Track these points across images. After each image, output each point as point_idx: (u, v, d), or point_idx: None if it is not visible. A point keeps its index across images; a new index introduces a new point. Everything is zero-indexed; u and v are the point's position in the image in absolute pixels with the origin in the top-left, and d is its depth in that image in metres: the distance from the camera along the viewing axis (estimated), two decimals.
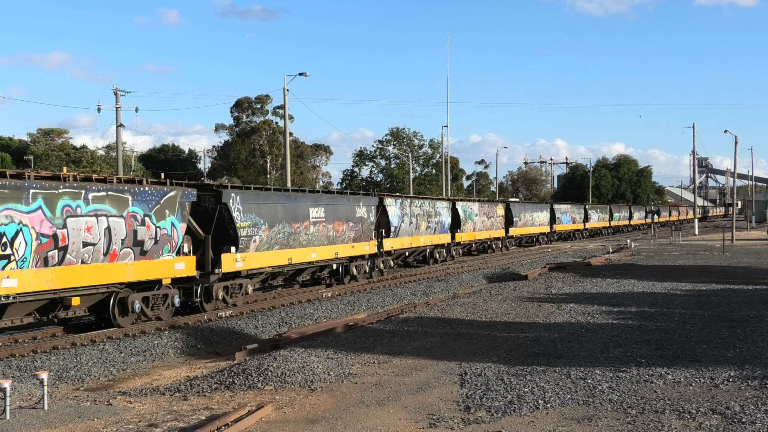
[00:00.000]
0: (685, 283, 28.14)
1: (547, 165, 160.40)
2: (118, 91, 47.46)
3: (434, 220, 40.02)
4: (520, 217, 57.32)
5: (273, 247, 24.21)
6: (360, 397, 11.91)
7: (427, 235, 39.04)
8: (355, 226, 29.86)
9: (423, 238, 38.42)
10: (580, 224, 75.01)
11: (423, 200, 39.85)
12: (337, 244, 28.50)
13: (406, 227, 35.86)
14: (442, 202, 42.81)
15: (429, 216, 39.22)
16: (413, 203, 37.66)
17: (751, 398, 11.34)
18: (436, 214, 40.43)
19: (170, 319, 20.22)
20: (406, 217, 36.06)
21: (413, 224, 36.90)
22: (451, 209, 43.52)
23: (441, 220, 41.17)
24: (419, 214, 37.81)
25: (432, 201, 41.22)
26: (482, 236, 48.94)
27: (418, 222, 37.63)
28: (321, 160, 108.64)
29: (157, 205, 19.37)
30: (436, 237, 40.48)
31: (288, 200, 25.79)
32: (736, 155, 75.89)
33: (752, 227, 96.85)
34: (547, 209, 65.48)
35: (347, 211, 29.52)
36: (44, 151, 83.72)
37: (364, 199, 31.44)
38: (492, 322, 19.43)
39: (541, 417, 10.63)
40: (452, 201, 44.84)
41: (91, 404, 12.15)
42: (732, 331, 17.34)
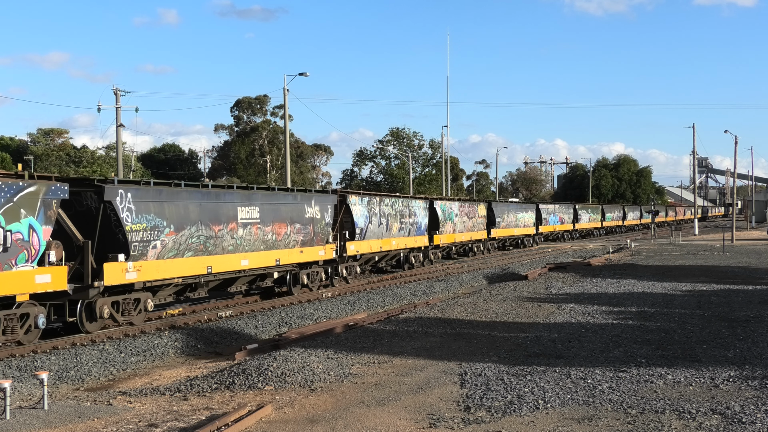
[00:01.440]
0: (685, 283, 28.14)
1: (547, 165, 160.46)
2: (118, 91, 47.50)
3: (409, 220, 36.39)
4: (503, 218, 53.53)
5: (184, 254, 20.28)
6: (360, 397, 11.91)
7: (401, 237, 35.46)
8: (304, 228, 25.85)
9: (396, 240, 34.72)
10: (568, 225, 71.30)
11: (396, 199, 36.02)
12: (280, 249, 24.48)
13: (374, 229, 32.17)
14: (418, 200, 39.24)
15: (402, 216, 35.65)
16: (383, 202, 33.84)
17: (751, 398, 11.34)
18: (411, 214, 36.80)
19: (170, 319, 20.17)
20: (375, 218, 32.34)
21: (384, 225, 33.24)
22: (428, 209, 39.95)
23: (417, 220, 37.62)
24: (391, 214, 34.21)
25: (406, 200, 37.48)
26: (463, 238, 45.39)
27: (390, 223, 34.00)
28: (321, 160, 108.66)
29: (7, 203, 15.72)
30: (411, 239, 36.91)
31: (205, 198, 21.58)
32: (736, 155, 75.96)
33: (752, 227, 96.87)
34: (532, 209, 62.00)
35: (293, 210, 25.46)
36: (44, 151, 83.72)
37: (317, 197, 27.34)
38: (492, 322, 19.43)
39: (541, 417, 10.63)
40: (430, 200, 41.34)
41: (91, 404, 12.15)
42: (732, 331, 17.34)
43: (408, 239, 36.48)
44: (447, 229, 42.30)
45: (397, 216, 34.89)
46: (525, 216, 58.97)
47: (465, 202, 47.73)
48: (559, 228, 68.42)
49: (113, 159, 70.74)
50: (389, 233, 33.98)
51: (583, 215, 76.33)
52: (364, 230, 31.16)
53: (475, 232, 47.48)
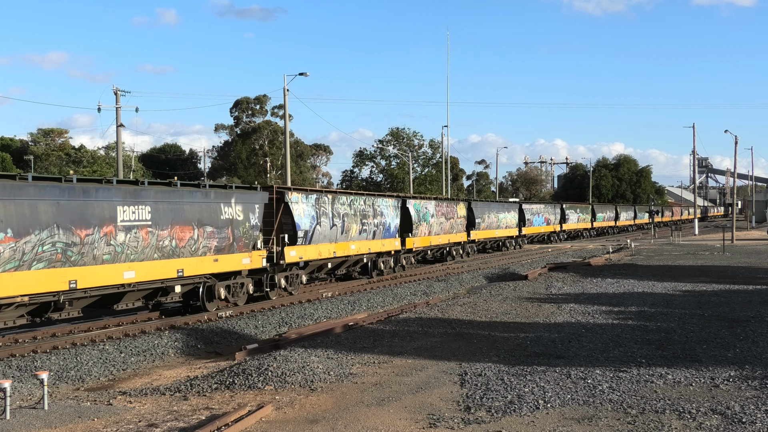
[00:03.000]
0: (685, 283, 28.14)
1: (547, 165, 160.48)
2: (118, 91, 47.49)
3: (373, 221, 32.25)
4: (484, 219, 49.42)
5: (31, 266, 16.24)
6: (360, 397, 11.91)
7: (363, 240, 31.24)
8: (220, 232, 21.56)
9: (357, 244, 30.64)
10: (555, 226, 66.47)
11: (356, 197, 31.61)
12: (184, 257, 20.27)
13: (325, 231, 28.00)
14: (387, 199, 34.82)
15: (365, 217, 31.49)
16: (338, 200, 29.52)
17: (751, 398, 11.34)
18: (376, 214, 32.71)
19: (170, 319, 20.19)
20: (326, 218, 28.20)
21: (338, 227, 29.12)
22: (400, 209, 35.89)
23: (385, 221, 33.53)
24: (348, 215, 30.10)
25: (371, 198, 32.95)
26: (440, 241, 41.35)
27: (347, 224, 29.88)
28: (321, 160, 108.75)
29: None
30: (378, 243, 32.70)
31: (65, 195, 17.32)
32: (736, 155, 75.96)
33: (752, 227, 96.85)
34: (515, 209, 57.34)
35: (202, 211, 21.12)
36: (44, 151, 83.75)
37: (239, 194, 22.94)
38: (492, 322, 19.43)
39: (542, 417, 10.63)
40: (402, 199, 37.20)
41: (91, 404, 12.15)
42: (732, 331, 17.34)
43: (373, 243, 32.24)
44: (422, 231, 38.44)
45: (357, 216, 30.75)
46: (507, 216, 54.87)
47: (442, 201, 43.46)
48: (544, 229, 64.06)
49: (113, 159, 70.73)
50: (346, 236, 29.78)
51: (571, 215, 71.94)
52: (310, 233, 26.82)
53: (454, 234, 43.68)
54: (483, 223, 49.31)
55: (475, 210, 47.93)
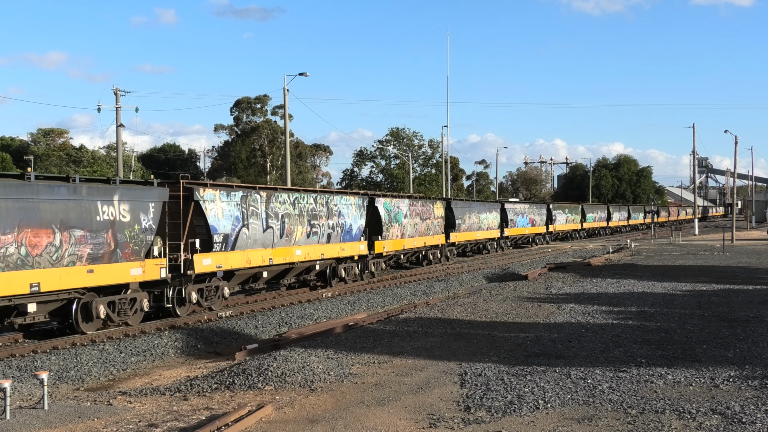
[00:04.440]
0: (685, 283, 28.14)
1: (547, 165, 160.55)
2: (118, 91, 47.49)
3: (328, 223, 28.18)
4: (464, 219, 45.44)
5: None
6: (360, 397, 11.91)
7: (313, 245, 27.13)
8: (95, 237, 17.81)
9: (304, 249, 26.46)
10: (540, 227, 62.40)
11: (303, 194, 27.21)
12: (41, 268, 16.47)
13: (255, 235, 23.66)
14: (348, 197, 30.67)
15: (316, 217, 27.41)
16: (275, 198, 24.97)
17: (751, 398, 11.35)
18: (332, 214, 28.62)
19: (170, 319, 20.20)
20: (256, 220, 23.77)
21: (275, 230, 24.73)
22: (366, 208, 31.95)
23: (344, 223, 29.54)
24: (290, 215, 25.72)
25: (324, 195, 28.88)
26: (414, 244, 37.40)
27: (289, 227, 25.50)
28: (321, 160, 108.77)
29: None
30: (335, 247, 28.75)
31: None
32: (736, 155, 75.99)
33: (752, 227, 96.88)
34: (497, 209, 53.04)
35: (68, 210, 17.26)
36: (44, 151, 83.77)
37: (124, 190, 18.84)
38: (492, 322, 19.43)
39: (542, 417, 10.63)
40: (369, 197, 33.19)
41: (91, 404, 12.15)
42: (732, 331, 17.34)
43: (328, 247, 28.26)
44: (393, 233, 34.50)
45: (303, 217, 26.50)
46: (489, 217, 50.77)
47: (417, 200, 39.59)
48: (528, 231, 59.72)
49: (113, 159, 70.77)
50: (288, 240, 25.47)
51: (559, 216, 67.67)
52: (233, 237, 22.53)
53: (431, 236, 39.82)
54: (463, 225, 45.39)
55: (455, 210, 43.94)
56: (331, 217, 28.61)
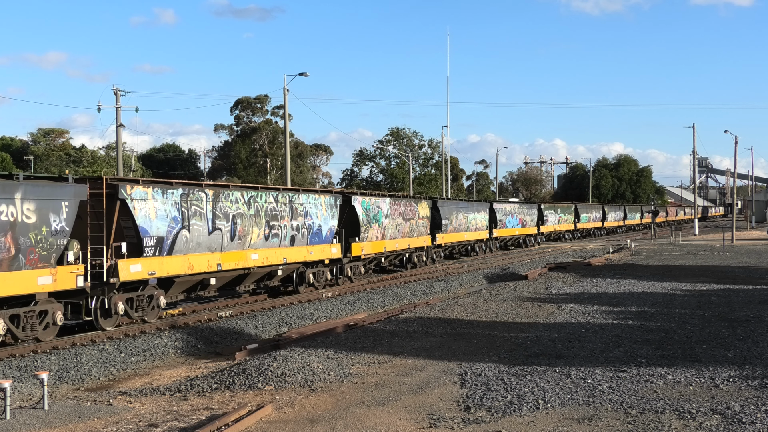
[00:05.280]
0: (685, 283, 28.15)
1: (547, 165, 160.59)
2: (118, 91, 47.50)
3: (291, 224, 25.61)
4: (451, 220, 43.31)
5: None
6: (360, 397, 11.92)
7: (273, 248, 24.53)
8: None
9: (262, 253, 23.87)
10: (531, 228, 60.00)
11: (260, 192, 24.42)
12: None
13: (199, 237, 21.19)
14: (317, 195, 28.03)
15: (276, 218, 24.79)
16: (224, 197, 22.37)
17: (751, 398, 11.35)
18: (296, 214, 26.02)
19: (170, 319, 20.21)
20: (200, 221, 21.27)
21: (224, 232, 22.17)
22: (340, 207, 29.44)
23: (312, 224, 26.97)
24: (244, 215, 23.12)
25: (287, 193, 26.04)
26: (396, 246, 34.91)
27: (241, 228, 22.92)
28: (321, 160, 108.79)
29: None
30: (300, 251, 26.03)
31: None
32: (736, 155, 75.98)
33: (752, 227, 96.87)
34: (485, 209, 50.86)
35: None
36: (44, 151, 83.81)
37: (28, 187, 16.54)
38: (492, 322, 19.43)
39: (542, 417, 10.63)
40: (346, 196, 30.79)
41: (91, 404, 12.15)
42: (732, 331, 17.34)
43: (292, 250, 25.60)
44: (372, 234, 32.21)
45: (261, 218, 24.01)
46: (477, 217, 48.54)
47: (399, 199, 37.01)
48: (518, 231, 57.35)
49: (113, 159, 70.77)
50: (242, 243, 23.01)
51: (551, 216, 65.35)
52: (169, 240, 20.09)
53: (415, 237, 37.51)
54: (450, 225, 43.23)
55: (441, 210, 41.88)
56: (296, 218, 25.98)
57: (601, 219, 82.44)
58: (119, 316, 19.02)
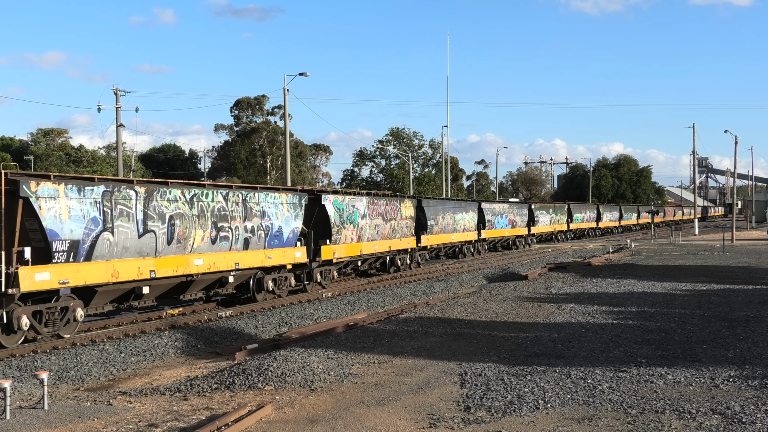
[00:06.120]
0: (685, 283, 28.15)
1: (547, 165, 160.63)
2: (118, 91, 47.53)
3: (245, 225, 22.97)
4: (437, 220, 41.41)
5: None
6: (360, 397, 11.91)
7: (222, 252, 21.94)
8: None
9: (208, 258, 21.34)
10: (521, 229, 57.91)
11: (206, 190, 21.81)
12: None
13: (126, 241, 18.69)
14: (277, 194, 25.10)
15: (226, 218, 22.14)
16: (162, 195, 19.92)
17: (751, 398, 11.35)
18: (251, 215, 23.33)
19: (170, 319, 20.21)
20: (129, 223, 18.78)
21: (159, 235, 19.68)
22: (305, 207, 26.54)
23: (272, 225, 24.28)
24: (185, 216, 20.54)
25: (240, 192, 23.28)
26: (376, 249, 32.71)
27: (182, 230, 20.39)
28: (321, 160, 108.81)
29: None
30: (256, 255, 23.45)
31: None
32: (736, 155, 75.98)
33: (752, 227, 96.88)
34: (474, 209, 48.83)
35: None
36: (44, 151, 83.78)
37: None
38: (492, 322, 19.43)
39: (542, 417, 10.63)
40: (311, 194, 27.89)
41: (91, 404, 12.15)
42: (732, 331, 17.34)
43: (247, 255, 23.07)
44: (347, 236, 29.83)
45: (206, 219, 21.41)
46: (465, 218, 46.61)
47: (379, 198, 34.32)
48: (509, 233, 55.29)
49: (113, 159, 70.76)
50: (183, 247, 20.53)
51: (542, 217, 63.38)
52: (87, 244, 17.59)
53: (397, 239, 35.33)
54: (437, 226, 41.38)
55: (426, 210, 39.96)
56: (250, 219, 23.34)
57: (596, 219, 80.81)
58: (25, 332, 16.63)
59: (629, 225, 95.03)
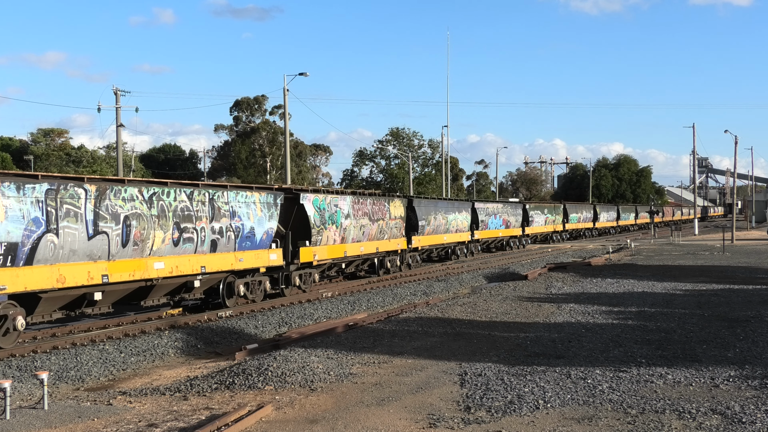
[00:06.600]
0: (685, 283, 28.14)
1: (547, 165, 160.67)
2: (118, 91, 47.53)
3: (212, 226, 21.49)
4: (429, 220, 39.96)
5: None
6: (360, 397, 11.91)
7: (186, 255, 20.51)
8: None
9: (169, 261, 19.82)
10: (515, 229, 56.72)
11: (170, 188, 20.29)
12: None
13: (74, 243, 17.20)
14: (250, 193, 23.66)
15: (190, 219, 20.68)
16: (116, 194, 18.42)
17: (751, 398, 11.35)
18: (220, 215, 21.84)
19: (170, 319, 20.20)
20: (77, 223, 17.29)
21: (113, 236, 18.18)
22: (280, 206, 25.09)
23: (243, 225, 22.77)
24: (143, 216, 19.12)
25: (207, 190, 21.84)
26: (362, 250, 31.18)
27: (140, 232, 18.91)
28: (321, 160, 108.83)
29: None
30: (227, 258, 22.02)
31: None
32: (736, 155, 75.98)
33: (752, 227, 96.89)
34: (467, 209, 47.36)
35: None
36: (44, 151, 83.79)
37: None
38: (492, 322, 19.43)
39: (541, 417, 10.63)
40: (287, 193, 26.27)
41: (91, 404, 12.15)
42: (732, 331, 17.34)
43: (215, 257, 21.56)
44: (329, 237, 28.10)
45: (169, 219, 19.97)
46: (458, 218, 45.12)
47: (365, 197, 32.54)
48: (502, 233, 53.95)
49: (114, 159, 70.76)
50: (140, 250, 19.04)
51: (537, 217, 62.05)
52: (27, 247, 16.21)
53: (386, 240, 33.75)
54: (428, 227, 39.93)
55: (417, 210, 38.43)
56: (218, 219, 21.85)
57: (592, 219, 79.44)
58: None
59: (627, 225, 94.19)
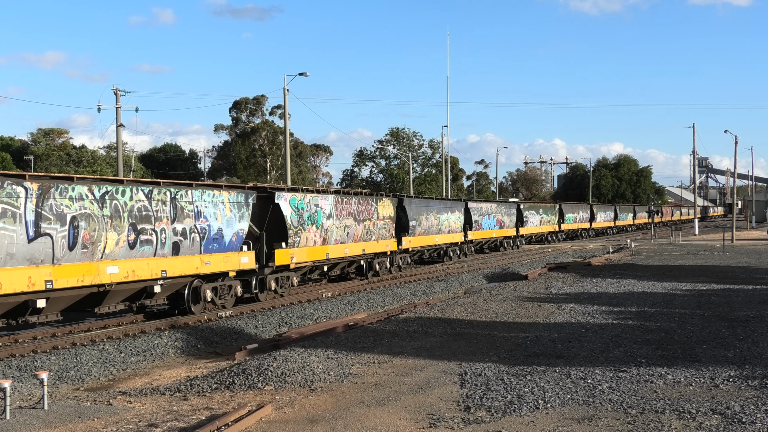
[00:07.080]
0: (685, 283, 28.14)
1: (547, 165, 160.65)
2: (118, 91, 47.50)
3: (174, 227, 20.02)
4: (420, 221, 38.51)
5: None
6: (360, 397, 11.91)
7: (144, 259, 18.96)
8: None
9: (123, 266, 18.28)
10: (509, 230, 55.31)
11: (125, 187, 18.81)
12: None
13: (11, 246, 15.75)
14: (218, 192, 22.18)
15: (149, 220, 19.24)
16: (61, 192, 16.97)
17: (751, 398, 11.35)
18: (183, 215, 20.37)
19: (170, 319, 20.20)
20: (14, 225, 15.80)
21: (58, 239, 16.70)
22: (251, 205, 23.46)
23: (209, 227, 21.27)
24: (93, 217, 17.62)
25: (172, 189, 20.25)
26: (346, 252, 29.49)
27: (89, 234, 17.43)
28: (321, 161, 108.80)
29: None
30: (192, 261, 20.52)
31: None
32: (736, 155, 75.96)
33: (752, 227, 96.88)
34: (460, 209, 45.82)
35: None
36: (44, 151, 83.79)
37: None
38: (492, 322, 19.43)
39: (541, 417, 10.63)
40: (266, 192, 24.91)
41: (91, 404, 12.15)
42: (732, 331, 17.34)
43: (178, 261, 20.08)
44: (308, 238, 26.40)
45: (124, 219, 18.48)
46: (450, 218, 43.64)
47: (350, 196, 30.83)
48: (496, 233, 52.71)
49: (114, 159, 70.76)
50: (90, 253, 17.54)
51: (531, 217, 60.81)
52: None
53: (373, 241, 32.19)
54: (419, 227, 38.41)
55: (408, 209, 37.02)
56: (181, 220, 20.31)
57: (589, 219, 78.03)
58: None
59: (625, 225, 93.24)
